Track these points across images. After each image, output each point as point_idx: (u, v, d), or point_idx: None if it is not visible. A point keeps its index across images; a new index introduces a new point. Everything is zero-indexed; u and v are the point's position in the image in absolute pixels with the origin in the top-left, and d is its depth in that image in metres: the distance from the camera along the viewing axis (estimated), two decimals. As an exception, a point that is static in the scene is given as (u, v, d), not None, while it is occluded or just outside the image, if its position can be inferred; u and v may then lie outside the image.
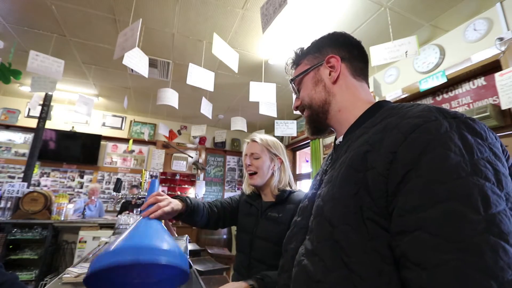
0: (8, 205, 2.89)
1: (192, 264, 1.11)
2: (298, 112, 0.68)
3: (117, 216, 3.23)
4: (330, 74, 0.58)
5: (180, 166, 5.05)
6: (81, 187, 4.46)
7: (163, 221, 1.48)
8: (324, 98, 0.58)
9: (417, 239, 0.32)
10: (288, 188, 1.06)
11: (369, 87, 0.61)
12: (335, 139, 0.62)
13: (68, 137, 4.39)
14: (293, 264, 0.50)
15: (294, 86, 0.64)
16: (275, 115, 2.68)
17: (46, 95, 3.30)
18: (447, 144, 0.34)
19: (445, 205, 0.31)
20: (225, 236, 4.65)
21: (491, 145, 0.35)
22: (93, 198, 3.69)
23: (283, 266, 0.56)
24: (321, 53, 0.61)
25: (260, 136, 1.12)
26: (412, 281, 0.32)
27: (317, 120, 0.60)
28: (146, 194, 0.64)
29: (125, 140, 4.72)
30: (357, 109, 0.55)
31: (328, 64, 0.58)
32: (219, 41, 1.88)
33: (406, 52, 1.84)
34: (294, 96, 0.66)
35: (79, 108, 2.74)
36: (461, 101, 2.31)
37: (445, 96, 2.45)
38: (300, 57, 0.64)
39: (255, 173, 1.06)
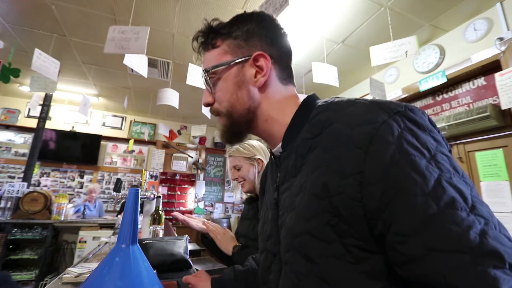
0: (8, 205, 2.89)
1: (192, 264, 1.12)
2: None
3: (117, 216, 3.23)
4: (256, 76, 0.47)
5: (180, 166, 5.05)
6: (81, 187, 4.46)
7: (163, 221, 1.49)
8: (247, 106, 0.48)
9: (434, 262, 0.29)
10: None
11: (294, 86, 0.52)
12: (269, 148, 0.54)
13: (68, 137, 4.39)
14: None
15: (207, 77, 0.50)
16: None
17: (46, 95, 3.31)
18: (407, 149, 0.32)
19: (441, 217, 0.29)
20: (225, 236, 4.65)
21: (431, 132, 0.35)
22: (93, 194, 3.68)
23: None
24: (247, 42, 0.48)
25: (233, 148, 1.17)
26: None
27: (236, 131, 0.51)
28: (125, 205, 0.49)
29: (125, 140, 4.73)
30: (287, 116, 0.48)
31: (256, 63, 0.47)
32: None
33: (406, 52, 1.84)
34: (204, 86, 0.53)
35: (83, 110, 2.74)
36: (461, 101, 2.31)
37: (445, 96, 2.45)
38: (217, 36, 0.50)
39: (243, 181, 1.13)
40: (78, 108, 2.80)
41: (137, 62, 2.01)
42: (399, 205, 0.31)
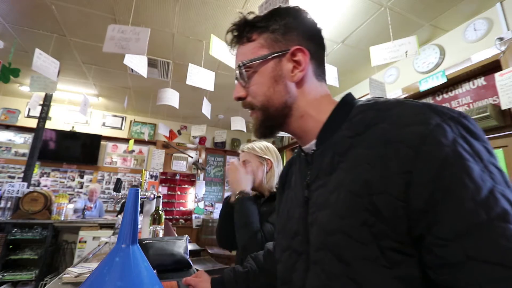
0: (8, 205, 2.89)
1: (192, 264, 1.12)
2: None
3: (117, 216, 3.23)
4: (293, 71, 0.47)
5: (180, 166, 5.05)
6: (81, 187, 4.46)
7: (163, 221, 1.49)
8: (284, 101, 0.47)
9: (472, 270, 0.28)
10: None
11: (326, 83, 0.52)
12: (299, 146, 0.53)
13: (68, 137, 4.39)
14: None
15: (242, 71, 0.49)
16: (275, 115, 2.68)
17: (46, 95, 3.30)
18: (461, 154, 0.31)
19: (489, 227, 0.28)
20: (225, 236, 4.65)
21: (484, 142, 0.34)
22: (93, 198, 3.69)
23: None
24: (285, 36, 0.47)
25: (248, 145, 1.21)
26: None
27: (271, 125, 0.50)
28: (125, 205, 0.49)
29: (125, 140, 4.73)
30: (323, 113, 0.47)
31: (293, 58, 0.47)
32: (218, 42, 1.87)
33: (406, 52, 1.84)
34: (236, 81, 0.52)
35: (81, 109, 2.74)
36: (461, 101, 2.31)
37: (445, 96, 2.45)
38: (253, 30, 0.49)
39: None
40: (79, 108, 2.80)
41: (137, 62, 2.01)
42: (446, 208, 0.30)
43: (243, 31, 0.50)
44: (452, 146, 0.31)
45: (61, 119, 4.52)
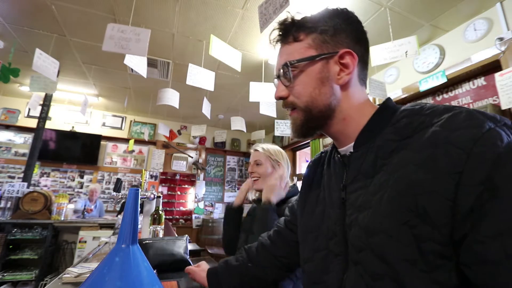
0: (8, 205, 2.89)
1: (192, 264, 1.12)
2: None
3: (117, 216, 3.22)
4: (339, 74, 0.47)
5: (180, 166, 5.05)
6: (81, 187, 4.46)
7: (163, 221, 1.49)
8: (328, 103, 0.47)
9: (508, 269, 0.29)
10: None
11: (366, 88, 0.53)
12: (334, 147, 0.54)
13: (68, 137, 4.39)
14: None
15: (286, 71, 0.48)
16: (275, 115, 2.68)
17: (46, 95, 3.30)
18: None
19: None
20: (225, 236, 4.65)
21: None
22: (94, 198, 3.69)
23: None
24: (334, 39, 0.47)
25: (263, 145, 1.20)
26: None
27: (313, 126, 0.49)
28: (125, 205, 0.49)
29: (125, 140, 4.73)
30: (364, 117, 0.47)
31: (341, 60, 0.47)
32: (218, 42, 1.87)
33: (406, 52, 1.84)
34: (276, 80, 0.51)
35: (82, 109, 2.74)
36: (461, 101, 2.31)
37: (445, 96, 2.45)
38: (300, 30, 0.49)
39: (258, 178, 1.15)
40: (80, 108, 2.80)
41: (137, 62, 2.01)
42: (492, 208, 0.30)
43: (290, 30, 0.50)
44: (506, 149, 0.31)
45: (61, 119, 4.52)
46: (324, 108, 0.47)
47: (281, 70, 0.49)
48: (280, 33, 0.51)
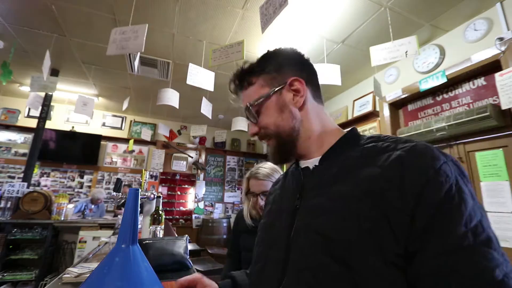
0: (8, 205, 2.89)
1: (192, 264, 1.12)
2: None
3: (117, 216, 3.23)
4: (293, 99, 0.53)
5: (180, 166, 5.05)
6: (81, 187, 4.46)
7: (163, 221, 1.49)
8: (292, 125, 0.53)
9: (453, 282, 0.33)
10: None
11: (324, 106, 0.59)
12: (297, 161, 0.57)
13: (68, 137, 4.39)
14: None
15: (251, 111, 0.55)
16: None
17: (46, 95, 3.30)
18: (462, 187, 0.37)
19: (475, 249, 0.33)
20: (225, 236, 4.65)
21: (471, 188, 0.40)
22: (98, 203, 3.68)
23: None
24: (280, 72, 0.55)
25: (261, 171, 1.14)
26: None
27: (285, 150, 0.55)
28: (125, 205, 0.49)
29: (125, 140, 4.73)
30: (329, 134, 0.53)
31: (292, 87, 0.54)
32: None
33: (406, 52, 1.84)
34: (246, 121, 0.61)
35: (79, 109, 2.73)
36: (461, 101, 2.31)
37: (445, 96, 2.45)
38: (251, 75, 0.56)
39: None
40: (82, 109, 2.78)
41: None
42: (442, 229, 0.35)
43: (244, 78, 0.57)
44: (455, 181, 0.38)
45: (61, 119, 4.52)
46: (290, 130, 0.53)
47: (246, 112, 0.56)
48: (237, 82, 0.58)
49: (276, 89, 0.54)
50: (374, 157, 0.44)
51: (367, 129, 3.11)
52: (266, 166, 1.17)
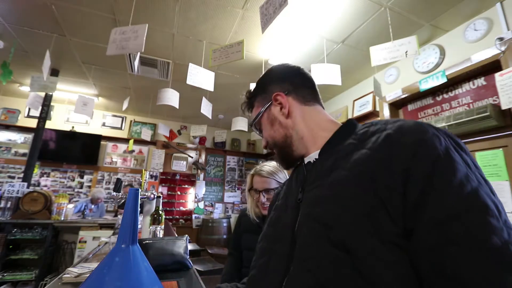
0: (8, 205, 2.89)
1: (192, 264, 1.12)
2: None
3: (115, 216, 3.23)
4: (281, 110, 0.60)
5: (180, 166, 5.05)
6: (81, 187, 4.46)
7: (163, 221, 1.49)
8: (283, 134, 0.60)
9: (450, 254, 0.32)
10: None
11: (323, 108, 0.63)
12: (302, 158, 0.60)
13: (68, 137, 4.38)
14: None
15: (256, 128, 0.67)
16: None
17: (46, 95, 3.30)
18: (452, 156, 0.37)
19: (468, 217, 0.33)
20: (225, 236, 4.65)
21: (472, 158, 0.40)
22: (98, 203, 3.68)
23: None
24: (266, 92, 0.63)
25: (265, 168, 1.16)
26: None
27: (286, 155, 0.61)
28: (125, 205, 0.49)
29: (125, 140, 4.73)
30: (324, 129, 0.56)
31: (276, 102, 0.61)
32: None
33: (406, 52, 1.84)
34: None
35: (79, 109, 2.73)
36: (461, 101, 2.31)
37: (445, 96, 2.45)
38: (252, 99, 0.67)
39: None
40: (82, 109, 2.78)
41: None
42: (432, 202, 0.35)
43: (247, 104, 0.69)
44: (444, 150, 0.37)
45: (61, 119, 4.52)
46: (283, 138, 0.60)
47: (254, 129, 0.68)
48: (245, 107, 0.70)
49: (266, 107, 0.62)
50: (365, 141, 0.45)
51: (367, 129, 3.10)
52: (271, 165, 1.19)
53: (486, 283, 0.30)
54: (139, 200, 0.49)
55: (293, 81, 0.62)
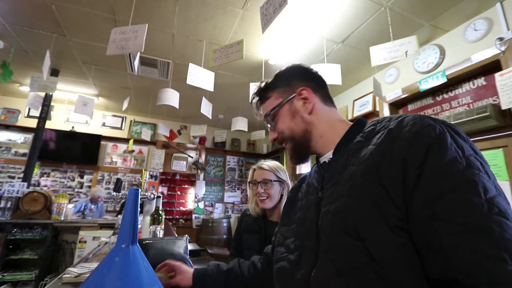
0: (8, 205, 2.89)
1: (192, 264, 1.12)
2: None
3: (116, 216, 3.23)
4: (304, 105, 0.62)
5: (180, 166, 5.05)
6: (81, 187, 4.46)
7: (163, 221, 1.49)
8: (304, 128, 0.61)
9: (434, 228, 0.36)
10: None
11: (336, 108, 0.66)
12: (317, 158, 0.64)
13: (68, 137, 4.38)
14: None
15: (269, 120, 0.66)
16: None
17: (46, 95, 3.30)
18: (444, 143, 0.40)
19: (452, 195, 0.36)
20: (225, 236, 4.65)
21: (471, 145, 0.43)
22: (98, 202, 3.67)
23: None
24: (290, 86, 0.64)
25: (269, 163, 1.20)
26: (434, 269, 0.36)
27: (301, 150, 0.63)
28: (125, 205, 0.48)
29: (125, 140, 4.73)
30: (339, 129, 0.59)
31: (301, 96, 0.62)
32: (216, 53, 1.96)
33: (406, 52, 1.84)
34: (269, 129, 0.69)
35: (79, 109, 2.73)
36: (461, 101, 2.31)
37: (445, 96, 2.45)
38: (267, 91, 0.67)
39: (266, 198, 1.15)
40: (82, 109, 2.78)
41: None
42: (426, 184, 0.38)
43: (262, 94, 0.69)
44: (437, 139, 0.40)
45: (61, 119, 4.52)
46: (302, 133, 0.61)
47: (265, 121, 0.67)
48: (257, 98, 0.70)
49: (288, 98, 0.63)
50: (371, 138, 0.50)
51: (367, 129, 3.10)
52: (273, 162, 1.23)
53: (465, 251, 0.33)
54: (139, 200, 0.49)
55: (318, 82, 0.65)
